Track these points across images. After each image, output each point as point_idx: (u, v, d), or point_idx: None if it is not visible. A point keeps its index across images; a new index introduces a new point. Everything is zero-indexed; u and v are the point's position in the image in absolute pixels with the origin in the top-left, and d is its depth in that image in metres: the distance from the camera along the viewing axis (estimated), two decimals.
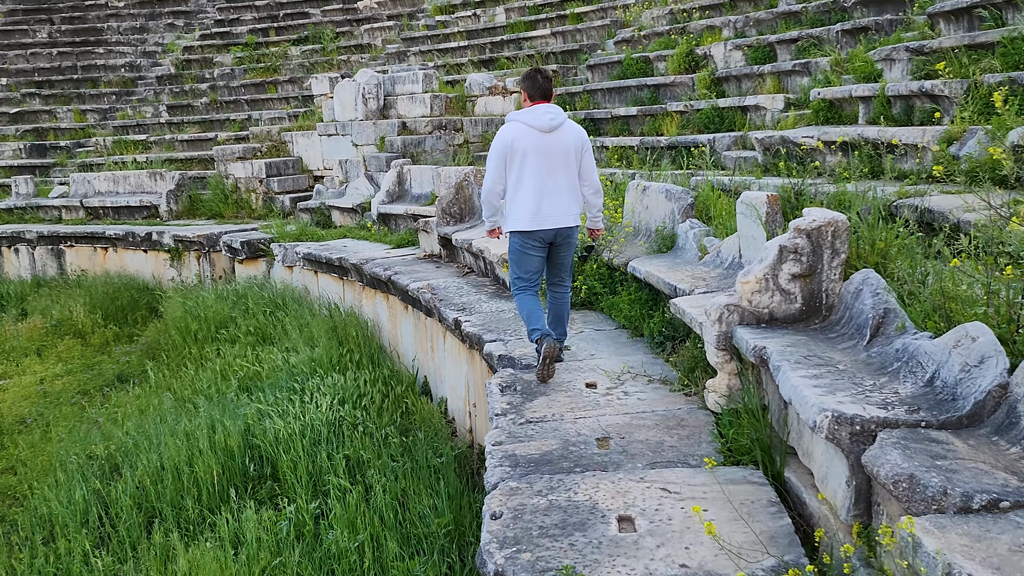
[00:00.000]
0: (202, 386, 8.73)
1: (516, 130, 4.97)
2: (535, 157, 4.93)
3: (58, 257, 15.20)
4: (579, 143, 5.06)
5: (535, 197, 4.95)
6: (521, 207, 5.01)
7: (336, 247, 11.16)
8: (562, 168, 4.99)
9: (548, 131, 4.94)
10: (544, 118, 4.95)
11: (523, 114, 5.03)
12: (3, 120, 20.36)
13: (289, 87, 19.64)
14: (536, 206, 4.96)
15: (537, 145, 4.93)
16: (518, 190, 5.01)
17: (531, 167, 4.94)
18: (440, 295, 7.60)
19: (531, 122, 4.95)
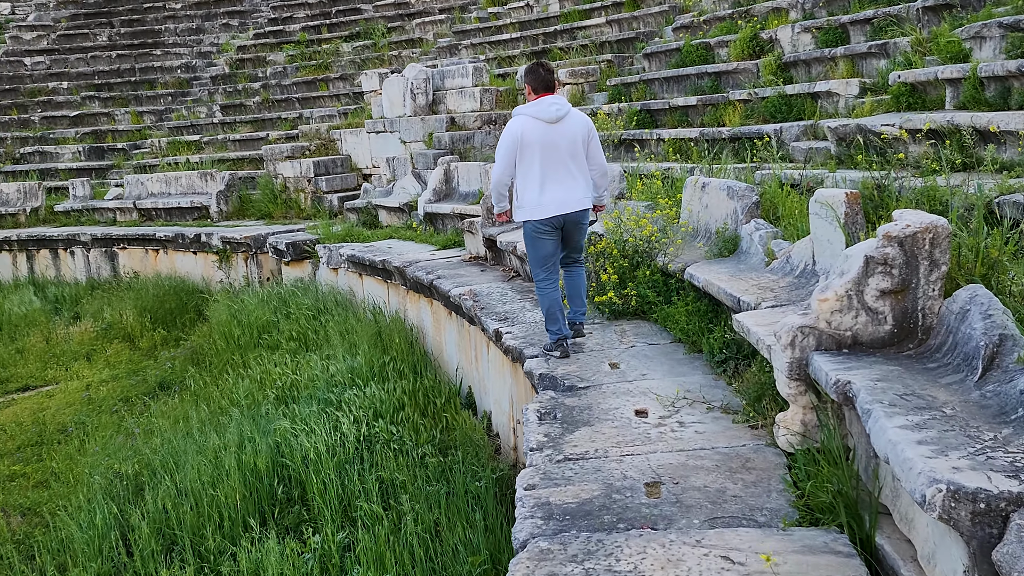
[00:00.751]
0: (239, 396, 8.41)
1: (524, 123, 5.22)
2: (544, 147, 5.19)
3: (111, 259, 15.21)
4: (585, 131, 5.35)
5: (545, 185, 5.22)
6: (533, 196, 5.26)
7: (380, 248, 10.76)
8: (570, 156, 5.26)
9: (555, 121, 5.20)
10: (550, 110, 5.22)
11: (529, 107, 5.29)
12: (64, 123, 20.63)
13: (340, 84, 19.39)
14: (547, 194, 5.22)
15: (545, 136, 5.19)
16: (529, 180, 5.26)
17: (540, 157, 5.20)
18: (482, 302, 7.08)
19: (538, 115, 5.20)
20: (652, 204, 7.43)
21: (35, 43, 23.72)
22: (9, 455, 8.42)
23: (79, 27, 24.18)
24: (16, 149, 19.79)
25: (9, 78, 22.17)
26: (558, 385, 4.82)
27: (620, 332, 5.75)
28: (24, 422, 9.45)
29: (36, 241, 15.72)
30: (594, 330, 5.86)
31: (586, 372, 4.98)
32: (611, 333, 5.76)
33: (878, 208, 4.82)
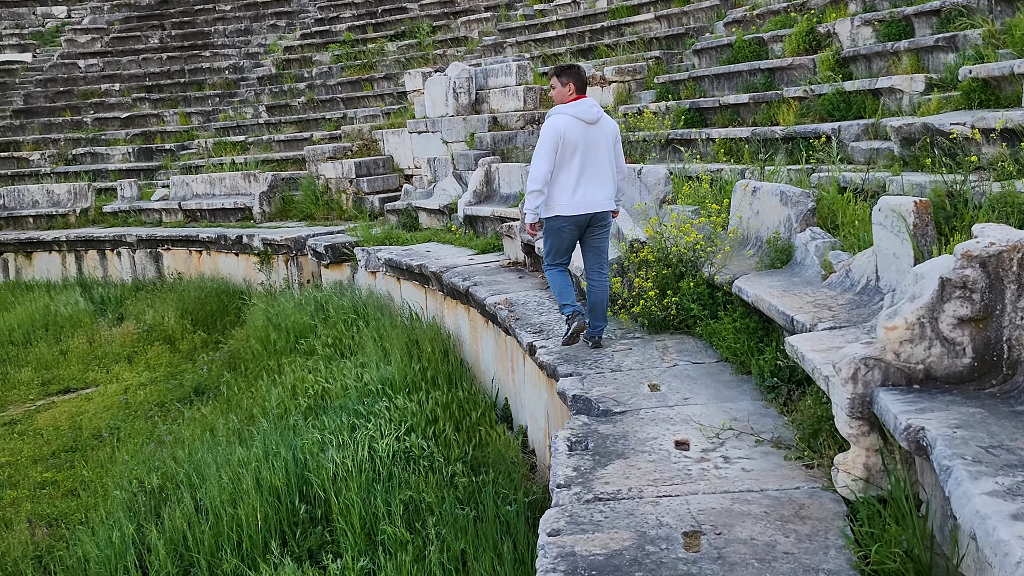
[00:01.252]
0: (271, 405, 8.22)
1: (566, 122, 5.33)
2: (583, 147, 5.34)
3: (156, 260, 15.27)
4: (615, 134, 5.57)
5: (580, 184, 5.36)
6: (565, 193, 5.37)
7: (418, 252, 10.49)
8: (604, 157, 5.45)
9: (593, 123, 5.38)
10: (592, 111, 5.39)
11: (571, 107, 5.40)
12: (115, 124, 20.90)
13: (384, 84, 19.25)
14: (579, 193, 5.36)
15: (585, 136, 5.34)
16: (564, 178, 5.37)
17: (579, 156, 5.34)
18: (517, 312, 6.74)
19: (580, 115, 5.34)
20: (699, 209, 7.00)
21: (89, 46, 24.12)
22: (43, 461, 8.37)
23: (132, 30, 24.53)
24: (69, 150, 20.10)
25: (64, 80, 22.57)
26: (592, 408, 4.45)
27: (662, 348, 5.35)
28: (61, 426, 9.42)
29: (84, 242, 15.88)
30: (634, 345, 5.47)
31: (623, 394, 4.60)
32: (652, 349, 5.36)
33: (950, 218, 4.34)
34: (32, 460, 8.41)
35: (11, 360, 12.02)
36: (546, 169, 5.35)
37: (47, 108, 21.62)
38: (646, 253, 5.98)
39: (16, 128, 21.05)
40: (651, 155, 10.50)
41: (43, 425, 9.49)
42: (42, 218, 17.13)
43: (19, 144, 20.38)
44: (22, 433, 9.28)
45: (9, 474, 8.08)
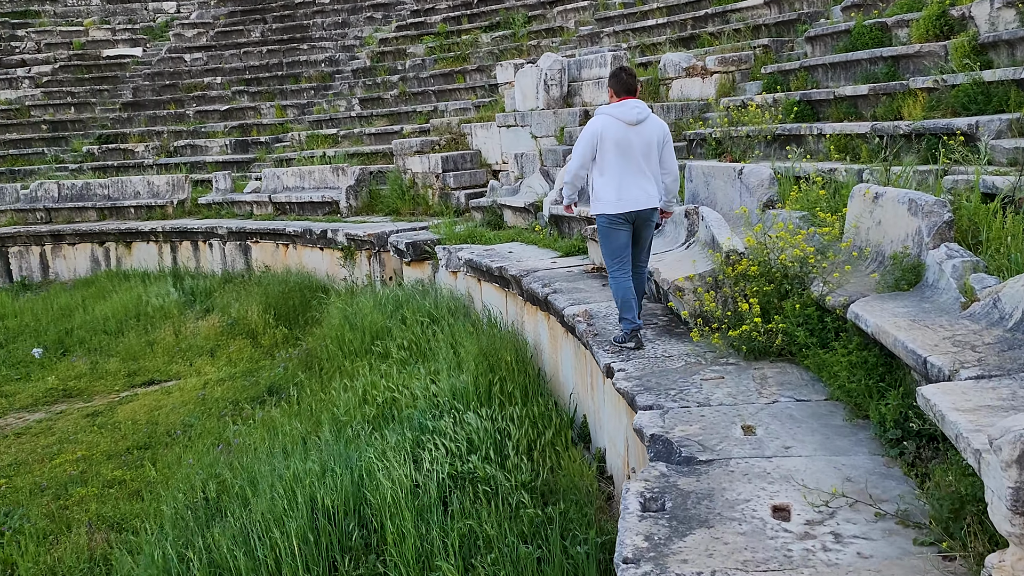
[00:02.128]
0: (339, 411, 7.87)
1: (605, 122, 5.54)
2: (622, 147, 5.50)
3: (245, 253, 15.34)
4: (661, 135, 5.70)
5: (620, 182, 5.53)
6: (608, 191, 5.56)
7: (500, 253, 9.97)
8: (643, 157, 5.57)
9: (634, 124, 5.52)
10: (632, 112, 5.53)
11: (612, 108, 5.59)
12: (215, 117, 21.28)
13: (477, 76, 18.82)
14: (621, 190, 5.53)
15: (624, 136, 5.50)
16: (605, 176, 5.56)
17: (618, 156, 5.51)
18: (597, 327, 6.10)
19: (620, 116, 5.51)
20: (809, 216, 6.18)
21: (195, 40, 24.72)
22: (116, 457, 8.29)
23: (235, 24, 25.00)
24: (171, 142, 20.59)
25: (170, 74, 23.18)
26: (673, 453, 3.79)
27: (760, 379, 4.62)
28: (139, 420, 9.38)
29: (179, 233, 16.12)
30: (726, 374, 4.76)
31: (710, 436, 3.91)
32: (748, 380, 4.63)
33: None
34: (106, 456, 8.34)
35: (102, 350, 12.21)
36: (579, 167, 5.69)
37: (153, 101, 22.24)
38: (745, 266, 5.24)
39: (124, 120, 21.73)
40: (754, 152, 9.62)
41: (122, 418, 9.48)
42: (142, 209, 17.54)
43: (126, 136, 21.02)
44: (102, 426, 9.28)
45: (83, 469, 8.02)
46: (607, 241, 5.66)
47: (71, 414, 9.83)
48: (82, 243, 16.97)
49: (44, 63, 24.02)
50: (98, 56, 24.30)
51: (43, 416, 9.88)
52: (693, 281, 5.57)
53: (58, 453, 8.50)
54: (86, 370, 11.26)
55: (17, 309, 14.57)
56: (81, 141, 21.05)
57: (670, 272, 5.83)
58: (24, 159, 20.64)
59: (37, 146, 21.13)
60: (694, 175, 8.15)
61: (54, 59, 24.14)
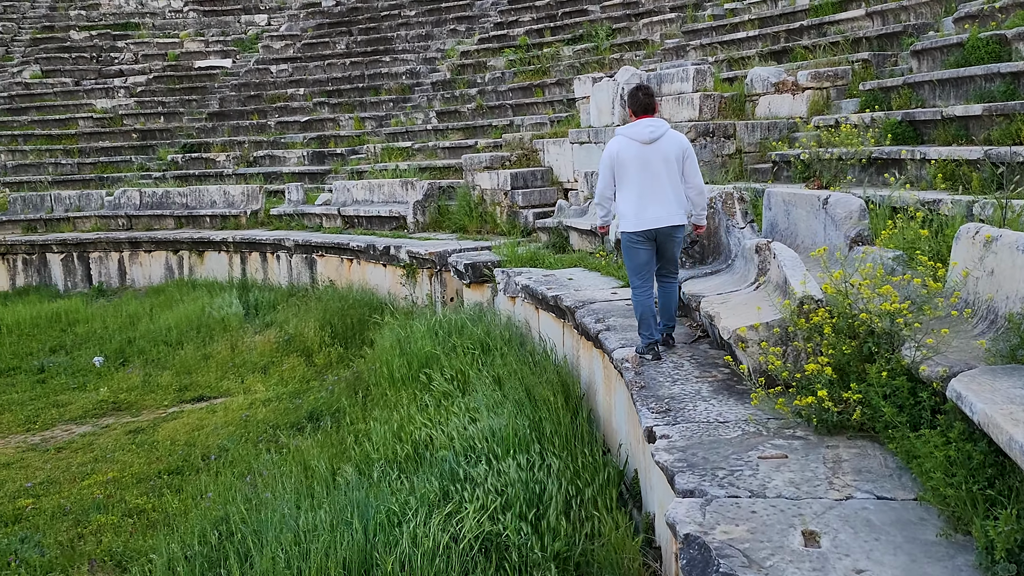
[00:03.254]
0: (372, 446, 7.31)
1: (621, 143, 5.71)
2: (638, 166, 5.65)
3: (310, 266, 15.10)
4: (680, 151, 5.74)
5: (639, 200, 5.67)
6: (628, 209, 5.73)
7: (559, 280, 9.26)
8: (664, 174, 5.66)
9: (649, 142, 5.62)
10: (645, 131, 5.65)
11: (627, 128, 5.76)
12: (295, 128, 21.36)
13: (556, 90, 18.19)
14: (640, 208, 5.66)
15: (640, 155, 5.64)
16: (627, 195, 5.74)
17: (636, 174, 5.67)
18: (646, 376, 5.31)
19: (634, 136, 5.66)
20: (905, 257, 5.25)
21: (282, 52, 25.00)
22: (145, 481, 7.96)
23: (322, 36, 25.18)
24: (251, 152, 20.74)
25: (255, 85, 23.46)
26: (709, 565, 3.00)
27: (832, 462, 3.76)
28: (178, 440, 9.08)
29: (248, 244, 16.06)
30: (791, 451, 3.92)
31: (760, 543, 3.11)
32: (816, 461, 3.78)
33: None
34: (136, 479, 8.03)
35: (159, 362, 12.09)
36: (603, 188, 5.91)
37: (237, 111, 22.52)
38: (822, 318, 4.38)
39: (209, 130, 22.06)
40: (846, 178, 8.62)
41: (162, 438, 9.20)
42: (217, 218, 17.62)
43: (209, 145, 21.31)
44: (140, 444, 9.02)
45: (109, 493, 7.72)
46: (629, 258, 5.85)
47: (115, 429, 9.63)
48: (158, 251, 17.15)
49: (140, 73, 24.75)
50: (190, 67, 24.87)
51: (89, 430, 9.72)
52: (758, 332, 4.73)
53: (91, 473, 8.24)
54: (138, 383, 11.11)
55: (89, 315, 14.74)
56: (167, 149, 21.47)
57: (732, 318, 5.00)
58: (113, 166, 21.19)
59: (126, 154, 21.67)
60: (773, 202, 7.25)
61: (149, 70, 24.84)
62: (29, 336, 13.89)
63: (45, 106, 23.27)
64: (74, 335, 13.78)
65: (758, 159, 11.27)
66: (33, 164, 21.06)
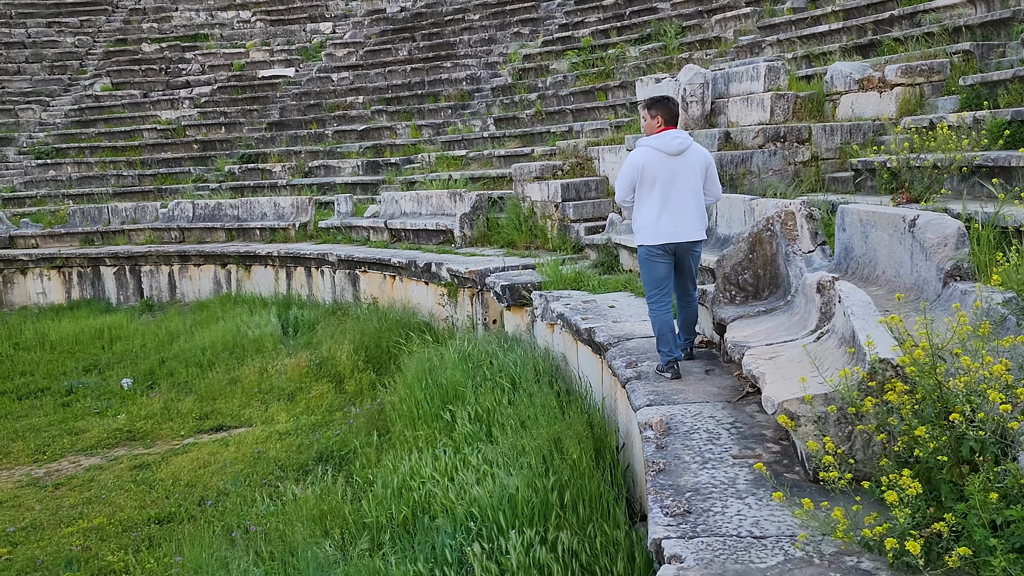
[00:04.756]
0: (372, 502, 6.36)
1: (646, 155, 5.55)
2: (663, 179, 5.50)
3: (353, 283, 14.36)
4: (704, 163, 5.69)
5: (661, 214, 5.52)
6: (648, 222, 5.56)
7: (599, 308, 8.14)
8: (689, 187, 5.56)
9: (677, 154, 5.52)
10: (673, 143, 5.54)
11: (654, 140, 5.59)
12: (352, 137, 20.79)
13: (620, 93, 16.99)
14: (662, 222, 5.52)
15: (665, 167, 5.50)
16: (647, 207, 5.58)
17: (660, 187, 5.51)
18: (670, 452, 4.15)
19: (661, 147, 5.51)
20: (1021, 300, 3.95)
21: (345, 60, 24.57)
22: (130, 531, 7.22)
23: (385, 43, 24.63)
24: (307, 162, 20.26)
25: (316, 94, 23.06)
26: None
27: None
28: (180, 480, 8.35)
29: (293, 258, 15.45)
30: None
31: None
32: None
33: None
34: (122, 527, 7.30)
35: (185, 385, 11.50)
36: (622, 198, 5.76)
37: (296, 120, 22.14)
38: (899, 395, 3.15)
39: (267, 140, 21.74)
40: (941, 190, 7.20)
41: (165, 476, 8.49)
42: (267, 231, 17.13)
43: (267, 156, 20.96)
44: (141, 483, 8.33)
45: (88, 544, 7.00)
46: (647, 272, 5.66)
47: (121, 463, 8.99)
48: (206, 264, 16.75)
49: (205, 84, 24.73)
50: (254, 77, 24.70)
51: (96, 463, 9.12)
52: (813, 407, 3.53)
53: (79, 517, 7.56)
54: (158, 409, 10.50)
55: (131, 332, 14.38)
56: (225, 160, 21.23)
57: (780, 384, 3.80)
58: (172, 178, 21.07)
59: (186, 165, 21.55)
60: (847, 221, 5.95)
61: (214, 80, 24.79)
62: (69, 353, 13.59)
63: (113, 118, 23.45)
64: (111, 353, 13.40)
65: (837, 167, 9.85)
66: (97, 176, 21.15)
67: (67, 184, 21.06)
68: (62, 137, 22.93)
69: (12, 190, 20.86)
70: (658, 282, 5.59)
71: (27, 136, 22.90)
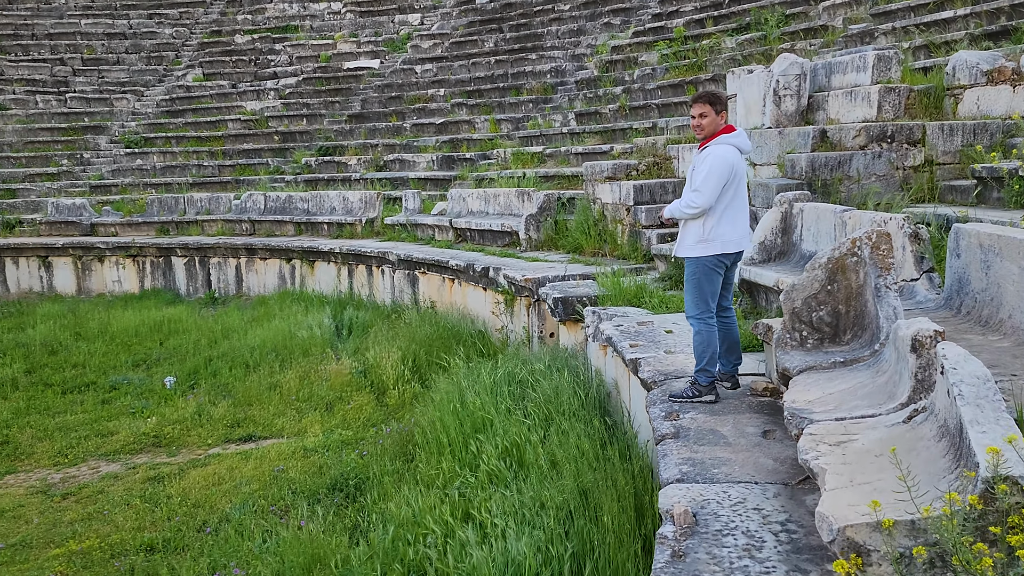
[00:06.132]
0: (363, 556, 5.46)
1: (736, 154, 5.11)
2: (742, 181, 5.17)
3: (413, 284, 13.57)
4: None
5: (735, 219, 5.13)
6: (734, 229, 5.13)
7: (654, 332, 6.99)
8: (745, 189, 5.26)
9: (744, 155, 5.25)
10: (748, 143, 5.23)
11: (733, 138, 5.15)
12: (429, 130, 20.08)
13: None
14: (737, 228, 5.15)
15: (743, 169, 5.20)
16: (731, 213, 5.11)
17: (738, 191, 5.14)
18: (684, 570, 3.02)
19: (741, 146, 5.17)
20: None
21: (430, 51, 23.93)
22: (115, 559, 6.58)
23: (472, 34, 23.85)
24: (383, 156, 19.68)
25: (399, 86, 22.50)
26: None
27: None
28: (189, 498, 7.69)
29: (354, 256, 14.81)
30: None
31: None
32: None
33: None
34: (109, 554, 6.67)
35: (225, 388, 10.96)
36: (709, 199, 5.05)
37: (376, 113, 21.63)
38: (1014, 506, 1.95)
39: (346, 133, 21.31)
40: None
41: (176, 492, 7.86)
42: (334, 225, 16.61)
43: (344, 148, 20.52)
44: (148, 499, 7.72)
45: (69, 572, 6.38)
46: (707, 285, 5.18)
47: (138, 473, 8.44)
48: (272, 258, 16.35)
49: (291, 75, 24.59)
50: (339, 68, 24.39)
51: (115, 470, 8.61)
52: (892, 536, 2.35)
53: (71, 537, 6.99)
54: (190, 414, 9.96)
55: (189, 326, 14.06)
56: (303, 152, 20.92)
57: (846, 492, 2.62)
58: (251, 169, 20.91)
59: (265, 156, 21.37)
60: (963, 246, 4.62)
61: (300, 71, 24.63)
62: (125, 346, 13.36)
63: (200, 108, 23.58)
64: (164, 349, 13.07)
65: (956, 173, 8.32)
66: (179, 166, 21.22)
67: (151, 173, 21.22)
68: (152, 127, 23.21)
69: (100, 178, 21.17)
70: (712, 296, 5.17)
71: (119, 125, 23.29)
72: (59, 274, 17.78)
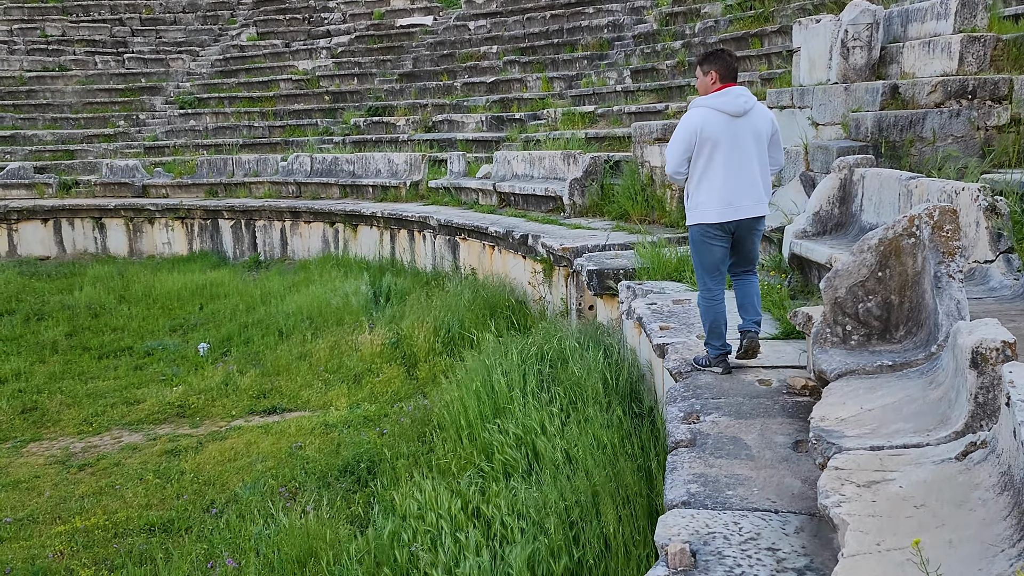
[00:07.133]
0: (354, 558, 5.05)
1: (705, 116, 4.73)
2: (727, 145, 4.71)
3: (453, 250, 13.09)
4: (770, 127, 4.88)
5: (726, 187, 4.72)
6: (709, 198, 4.77)
7: (687, 313, 6.36)
8: (755, 154, 4.78)
9: (740, 115, 4.72)
10: (737, 102, 4.74)
11: (713, 99, 4.79)
12: (480, 89, 19.41)
13: (778, 40, 14.46)
14: (727, 197, 4.73)
15: (728, 131, 4.70)
16: (705, 179, 4.77)
17: (722, 155, 4.71)
18: None
19: (723, 107, 4.72)
20: None
21: (484, 6, 23.12)
22: (116, 540, 6.35)
23: None
24: (432, 116, 19.13)
25: (451, 43, 21.84)
26: None
27: None
28: (202, 475, 7.45)
29: (396, 220, 14.39)
30: None
31: None
32: None
33: None
34: (113, 532, 6.45)
35: (255, 356, 10.73)
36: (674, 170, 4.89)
37: (428, 72, 21.04)
38: None
39: (396, 92, 20.81)
40: None
41: (192, 467, 7.63)
42: (378, 188, 16.22)
43: (394, 109, 20.04)
44: (161, 474, 7.50)
45: (69, 551, 6.18)
46: (702, 255, 4.91)
47: (156, 445, 8.25)
48: (316, 222, 16.09)
49: (344, 34, 24.15)
50: (392, 26, 23.82)
51: (136, 440, 8.45)
52: None
53: (77, 513, 6.80)
54: (217, 383, 9.74)
55: (230, 290, 13.93)
56: (352, 112, 20.53)
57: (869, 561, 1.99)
58: (300, 130, 20.64)
59: (314, 117, 21.07)
60: None
61: (353, 30, 24.16)
62: (165, 310, 13.31)
63: (254, 68, 23.39)
64: (204, 313, 12.94)
65: None
66: (231, 127, 21.10)
67: (203, 134, 21.17)
68: (205, 87, 23.14)
69: (155, 139, 21.23)
70: (712, 268, 4.89)
71: (175, 86, 23.29)
72: (112, 235, 17.91)
